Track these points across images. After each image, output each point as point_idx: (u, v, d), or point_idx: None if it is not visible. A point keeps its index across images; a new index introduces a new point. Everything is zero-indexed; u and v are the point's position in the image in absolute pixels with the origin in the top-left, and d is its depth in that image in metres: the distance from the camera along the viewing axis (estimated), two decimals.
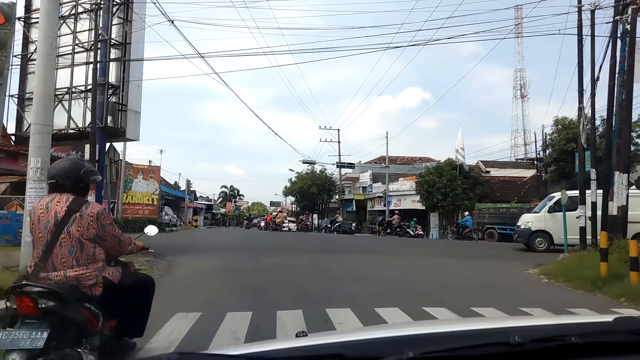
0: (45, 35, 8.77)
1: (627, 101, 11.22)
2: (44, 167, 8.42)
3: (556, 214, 15.76)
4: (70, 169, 3.43)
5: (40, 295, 2.91)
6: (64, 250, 3.19)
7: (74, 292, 3.11)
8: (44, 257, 3.19)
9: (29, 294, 2.89)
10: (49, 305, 2.91)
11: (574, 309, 6.61)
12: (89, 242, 3.27)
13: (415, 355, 0.95)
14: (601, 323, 1.14)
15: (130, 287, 3.57)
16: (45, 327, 2.82)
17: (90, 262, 3.26)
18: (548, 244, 16.09)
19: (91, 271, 3.25)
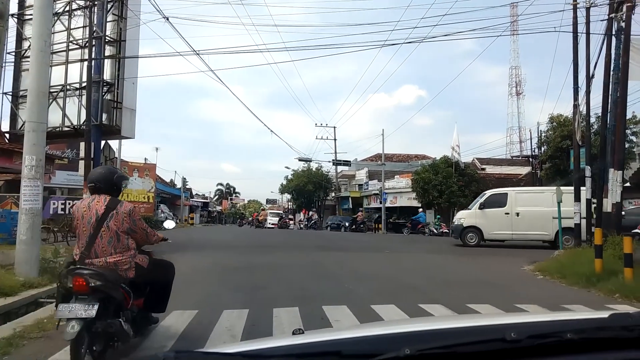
0: (39, 32, 8.71)
1: (621, 98, 11.27)
2: (39, 165, 8.38)
3: (486, 210, 16.45)
4: (106, 174, 4.25)
5: (90, 276, 3.68)
6: (104, 240, 3.96)
7: (113, 274, 3.86)
8: (88, 247, 3.95)
9: (82, 275, 3.66)
10: (97, 284, 3.67)
11: (569, 305, 6.64)
12: (124, 234, 4.04)
13: (411, 352, 0.96)
14: (596, 319, 1.15)
15: (155, 271, 4.39)
16: (94, 301, 3.60)
17: (125, 250, 4.04)
18: (479, 239, 16.61)
19: (126, 258, 4.02)
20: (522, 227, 15.89)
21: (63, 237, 15.31)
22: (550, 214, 15.06)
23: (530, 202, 16.13)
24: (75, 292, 3.63)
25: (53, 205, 22.10)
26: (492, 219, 16.33)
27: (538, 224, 15.59)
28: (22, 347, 4.58)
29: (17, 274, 7.85)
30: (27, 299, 6.99)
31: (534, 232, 15.80)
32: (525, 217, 15.80)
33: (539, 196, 16.47)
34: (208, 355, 1.02)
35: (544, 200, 15.85)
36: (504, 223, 15.99)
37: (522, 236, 16.15)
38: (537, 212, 15.64)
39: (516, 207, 16.03)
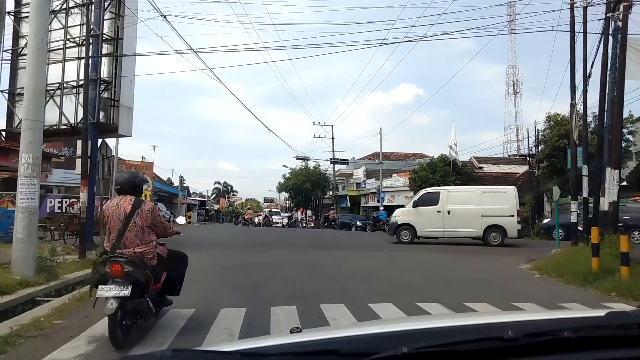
0: (36, 30, 8.68)
1: (618, 97, 11.29)
2: (35, 163, 8.36)
3: (419, 208, 16.93)
4: (130, 179, 5.10)
5: (125, 263, 4.49)
6: (131, 234, 4.74)
7: (140, 262, 4.63)
8: (118, 239, 4.71)
9: (118, 262, 4.48)
10: (129, 270, 4.46)
11: (565, 304, 6.66)
12: (148, 228, 4.84)
13: (409, 350, 0.96)
14: (593, 317, 1.15)
15: (172, 260, 5.18)
16: (128, 283, 4.40)
17: (149, 242, 4.83)
18: (412, 236, 17.03)
19: (150, 248, 4.81)
20: (453, 224, 16.33)
21: (60, 236, 15.28)
22: (479, 212, 15.78)
23: (461, 200, 16.60)
24: (112, 276, 4.44)
25: (50, 204, 22.04)
26: (425, 216, 16.79)
27: (468, 222, 16.07)
28: (18, 346, 4.57)
29: (14, 272, 7.83)
30: (23, 298, 6.97)
31: (464, 229, 16.26)
32: (456, 215, 16.28)
33: (469, 195, 17.06)
34: (205, 354, 1.02)
35: (473, 198, 16.47)
36: (436, 221, 16.46)
37: (453, 233, 16.57)
38: (467, 210, 16.12)
39: (448, 206, 16.50)
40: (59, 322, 5.46)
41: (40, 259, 8.27)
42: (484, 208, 15.81)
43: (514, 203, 16.20)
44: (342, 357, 1.01)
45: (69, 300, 6.58)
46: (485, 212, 15.74)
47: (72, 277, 8.82)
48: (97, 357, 4.17)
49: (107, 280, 4.45)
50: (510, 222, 16.03)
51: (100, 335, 4.86)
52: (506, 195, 16.45)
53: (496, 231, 15.85)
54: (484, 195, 16.60)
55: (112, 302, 4.31)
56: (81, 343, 4.59)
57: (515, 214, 16.18)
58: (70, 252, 11.55)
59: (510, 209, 16.06)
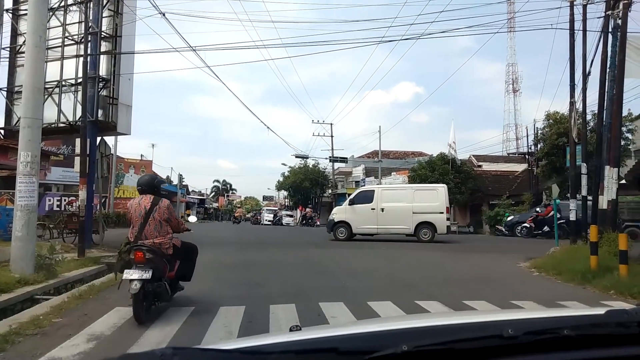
0: (34, 27, 8.66)
1: (617, 96, 11.29)
2: (34, 161, 8.35)
3: (355, 206, 17.38)
4: (149, 181, 6.03)
5: (146, 251, 5.32)
6: (151, 227, 5.55)
7: (159, 251, 5.47)
8: (140, 232, 5.52)
9: (141, 249, 5.31)
10: (150, 257, 5.31)
11: (564, 302, 6.67)
12: (164, 222, 5.64)
13: (409, 348, 0.96)
14: (593, 316, 1.15)
15: (185, 250, 6.01)
16: (149, 268, 5.20)
17: (166, 234, 5.63)
18: (348, 234, 17.43)
19: (166, 240, 5.62)
20: (386, 221, 16.85)
21: (59, 234, 15.27)
22: (410, 210, 16.50)
23: (394, 198, 17.16)
24: (135, 262, 5.24)
25: (49, 202, 22.02)
26: (360, 214, 17.23)
27: (400, 219, 16.65)
28: (17, 344, 4.56)
29: (13, 270, 7.83)
30: (22, 296, 6.97)
31: (396, 226, 16.85)
32: (390, 212, 16.84)
33: (401, 193, 17.75)
34: (206, 352, 1.01)
35: (405, 196, 17.14)
36: (370, 218, 16.97)
37: (386, 230, 17.09)
38: (399, 207, 16.70)
39: (382, 203, 17.00)
40: (58, 320, 5.46)
41: (39, 257, 8.26)
42: (415, 205, 16.54)
43: (443, 200, 16.87)
44: (342, 355, 1.01)
45: (68, 299, 6.58)
46: (416, 209, 16.48)
47: (71, 275, 8.82)
48: (96, 356, 4.16)
49: (131, 266, 5.27)
50: (440, 218, 16.73)
51: (99, 333, 4.86)
52: (436, 193, 17.13)
53: (427, 227, 16.59)
54: (415, 193, 17.34)
55: (135, 283, 5.13)
56: (80, 341, 4.59)
57: (444, 211, 16.86)
58: (69, 250, 11.55)
59: (439, 206, 16.72)
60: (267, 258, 11.81)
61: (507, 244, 16.76)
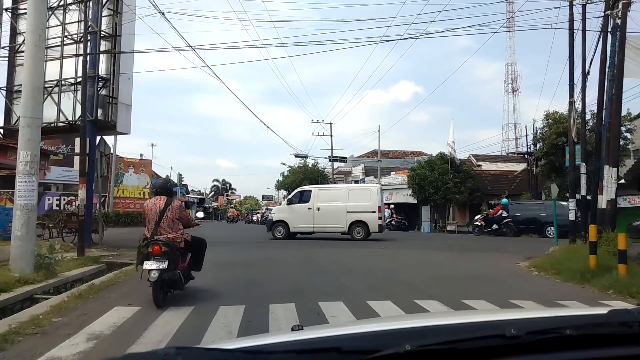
0: (33, 26, 8.65)
1: (616, 95, 11.29)
2: (34, 160, 8.34)
3: (293, 205, 17.77)
4: (163, 184, 7.08)
5: (162, 244, 6.09)
6: (165, 224, 6.34)
7: (172, 245, 6.21)
8: (155, 228, 6.30)
9: (158, 243, 6.08)
10: (165, 249, 6.07)
11: (563, 301, 6.68)
12: (177, 220, 6.43)
13: (412, 348, 0.96)
14: (595, 315, 1.15)
15: (195, 244, 6.80)
16: (165, 259, 6.00)
17: (178, 230, 6.43)
18: (286, 233, 17.74)
19: (179, 235, 6.40)
20: (322, 220, 17.23)
21: (58, 233, 15.25)
22: (344, 209, 16.94)
23: (329, 198, 17.55)
24: (153, 254, 6.03)
25: (48, 201, 22.01)
26: (298, 213, 17.54)
27: (335, 218, 17.05)
28: (17, 344, 4.56)
29: (12, 270, 7.83)
30: (22, 295, 6.97)
31: (331, 225, 17.27)
32: (325, 211, 17.21)
33: (336, 192, 18.22)
34: (209, 352, 1.01)
35: (340, 196, 17.56)
36: (307, 217, 17.33)
37: (322, 229, 17.46)
38: (335, 207, 17.06)
39: (318, 203, 17.36)
40: (58, 319, 5.46)
41: (38, 257, 8.26)
42: (349, 205, 16.97)
43: (376, 200, 17.24)
44: (345, 354, 1.01)
45: (67, 298, 6.58)
46: (350, 208, 16.92)
47: (71, 274, 8.82)
48: (96, 355, 4.16)
49: (149, 258, 6.04)
50: (372, 218, 17.14)
51: (99, 333, 4.87)
52: (370, 193, 17.57)
53: (360, 226, 17.01)
54: (350, 193, 17.83)
55: (154, 272, 5.90)
56: (80, 341, 4.59)
57: (376, 211, 17.22)
58: (68, 249, 11.54)
59: (372, 205, 17.12)
60: (266, 257, 11.81)
61: (506, 244, 16.74)
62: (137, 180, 31.20)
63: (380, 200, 17.61)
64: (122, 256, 11.89)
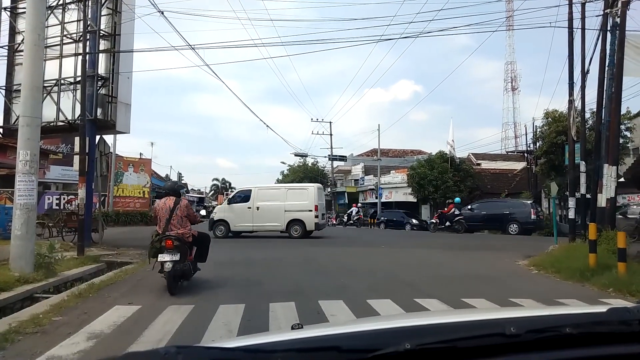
0: (32, 26, 8.64)
1: (616, 94, 11.30)
2: (33, 159, 8.33)
3: (233, 205, 18.20)
4: (172, 186, 8.12)
5: (174, 239, 6.85)
6: (175, 221, 7.09)
7: (182, 240, 6.99)
8: (166, 225, 7.05)
9: (170, 238, 6.86)
10: (177, 244, 6.86)
11: (563, 300, 6.69)
12: (185, 217, 7.19)
13: (412, 346, 0.96)
14: (595, 313, 1.15)
15: (200, 239, 7.58)
16: (177, 252, 6.80)
17: (186, 226, 7.18)
18: (226, 231, 18.10)
19: (187, 231, 7.18)
20: (261, 219, 17.65)
21: (58, 233, 15.25)
22: (283, 208, 17.43)
23: (268, 197, 17.94)
24: (166, 248, 6.81)
25: (48, 200, 22.00)
26: (238, 212, 17.93)
27: (274, 217, 17.47)
28: (17, 343, 4.57)
29: (12, 269, 7.83)
30: (22, 294, 6.97)
31: (270, 223, 17.74)
32: (264, 210, 17.66)
33: (275, 192, 18.65)
34: (209, 350, 1.01)
35: (279, 196, 18.04)
36: (246, 216, 17.76)
37: (261, 227, 17.89)
38: (273, 206, 17.48)
39: (257, 202, 17.77)
40: (58, 318, 5.46)
41: (38, 256, 8.26)
42: (287, 204, 17.48)
43: (312, 199, 17.67)
44: (345, 353, 1.01)
45: (67, 297, 6.58)
46: (288, 207, 17.43)
47: (71, 273, 8.82)
48: (96, 354, 4.16)
49: (162, 252, 6.82)
50: (309, 216, 17.59)
51: (99, 332, 4.87)
52: (307, 192, 17.99)
53: (297, 224, 17.49)
54: (288, 192, 18.33)
55: (168, 264, 6.72)
56: (80, 340, 4.59)
57: (313, 209, 17.59)
58: (68, 249, 11.54)
59: (309, 204, 17.59)
60: (265, 256, 11.82)
61: (504, 242, 16.76)
62: (137, 180, 31.17)
63: (317, 199, 17.98)
64: (122, 255, 11.90)
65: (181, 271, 6.90)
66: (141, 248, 12.69)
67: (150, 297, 6.76)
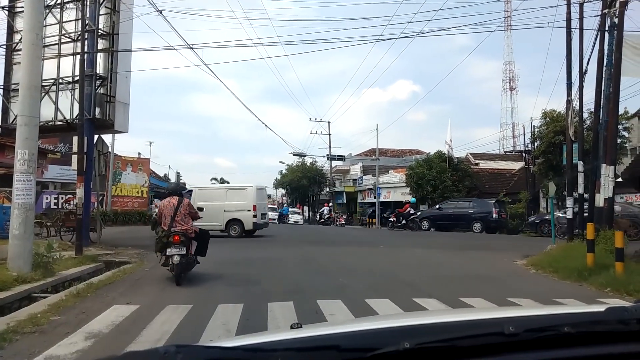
0: (30, 25, 8.62)
1: (614, 94, 11.32)
2: (31, 159, 8.32)
3: None
4: (175, 187, 8.95)
5: (181, 234, 7.61)
6: (179, 218, 7.83)
7: (186, 235, 7.73)
8: (172, 222, 7.76)
9: (177, 233, 7.60)
10: (183, 239, 7.60)
11: (561, 299, 6.71)
12: (188, 214, 8.00)
13: (411, 345, 0.96)
14: (593, 313, 1.16)
15: (201, 234, 8.27)
16: (183, 246, 7.60)
17: (188, 223, 7.95)
18: None
19: (190, 227, 7.93)
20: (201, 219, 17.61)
21: (56, 232, 15.22)
22: (222, 208, 17.81)
23: (209, 197, 18.20)
24: (173, 243, 7.58)
25: (46, 200, 21.96)
26: None
27: (213, 216, 17.48)
28: (15, 342, 4.56)
29: (10, 268, 7.81)
30: (20, 294, 6.96)
31: (210, 223, 17.72)
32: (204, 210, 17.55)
33: (215, 192, 19.07)
34: (209, 350, 1.01)
35: (219, 196, 18.43)
36: None
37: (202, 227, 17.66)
38: (213, 206, 17.56)
39: (198, 202, 17.80)
40: (56, 318, 5.45)
41: (36, 255, 8.24)
42: (226, 204, 17.81)
43: (250, 199, 18.00)
44: (344, 352, 1.01)
45: (65, 297, 6.57)
46: (227, 207, 17.77)
47: (69, 273, 8.81)
48: (94, 354, 4.16)
49: (169, 246, 7.60)
50: (247, 216, 17.97)
51: (97, 331, 4.87)
52: (245, 193, 18.27)
53: (236, 224, 17.84)
54: (227, 192, 18.65)
55: (176, 257, 7.54)
56: (78, 339, 4.59)
57: (251, 209, 17.92)
58: (66, 248, 11.51)
59: (247, 204, 17.98)
60: (264, 256, 11.82)
61: (502, 242, 16.79)
62: (135, 179, 31.10)
63: (256, 199, 18.24)
64: (120, 255, 11.88)
65: (187, 263, 7.70)
66: (139, 248, 12.68)
67: (148, 296, 6.76)
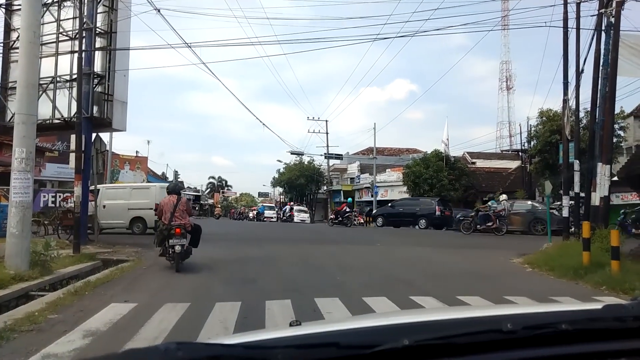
0: (28, 23, 8.59)
1: (610, 93, 11.35)
2: (29, 157, 8.30)
3: None
4: (174, 186, 10.35)
5: (181, 227, 8.85)
6: (178, 214, 8.96)
7: (185, 228, 8.93)
8: (172, 217, 8.88)
9: (179, 226, 8.82)
10: (183, 231, 8.86)
11: (557, 297, 6.74)
12: (185, 210, 9.20)
13: (410, 343, 0.97)
14: (591, 310, 1.17)
15: (195, 228, 9.30)
16: (183, 238, 8.87)
17: (186, 217, 9.12)
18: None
19: (187, 221, 9.11)
20: (107, 217, 17.93)
21: (54, 230, 15.19)
22: (126, 206, 18.06)
23: (114, 196, 18.51)
24: (175, 235, 8.64)
25: (43, 198, 21.88)
26: None
27: (118, 214, 17.95)
28: (12, 340, 4.56)
29: (8, 267, 7.80)
30: (17, 292, 6.95)
31: (115, 221, 18.25)
32: (110, 208, 18.17)
33: (121, 191, 19.43)
34: (210, 347, 1.02)
35: (124, 194, 18.77)
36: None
37: (108, 224, 18.20)
38: (118, 204, 17.99)
39: (104, 201, 18.07)
40: (54, 316, 5.45)
41: (34, 254, 8.23)
42: (130, 202, 18.07)
43: (153, 198, 17.95)
44: (343, 349, 1.02)
45: (63, 295, 6.57)
46: (131, 206, 18.00)
47: (67, 271, 8.80)
48: (92, 352, 4.16)
49: (171, 238, 8.69)
50: (150, 214, 17.80)
51: (95, 329, 4.87)
52: (149, 192, 18.63)
53: (139, 222, 18.09)
54: (132, 191, 19.03)
55: (178, 247, 8.58)
56: (76, 337, 4.59)
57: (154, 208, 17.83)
58: (64, 246, 11.49)
59: (150, 203, 17.93)
60: (262, 254, 11.82)
61: (500, 241, 16.83)
62: (133, 177, 31.08)
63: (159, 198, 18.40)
64: (118, 253, 11.87)
65: (185, 252, 8.78)
66: (137, 246, 12.67)
67: (146, 294, 6.76)
